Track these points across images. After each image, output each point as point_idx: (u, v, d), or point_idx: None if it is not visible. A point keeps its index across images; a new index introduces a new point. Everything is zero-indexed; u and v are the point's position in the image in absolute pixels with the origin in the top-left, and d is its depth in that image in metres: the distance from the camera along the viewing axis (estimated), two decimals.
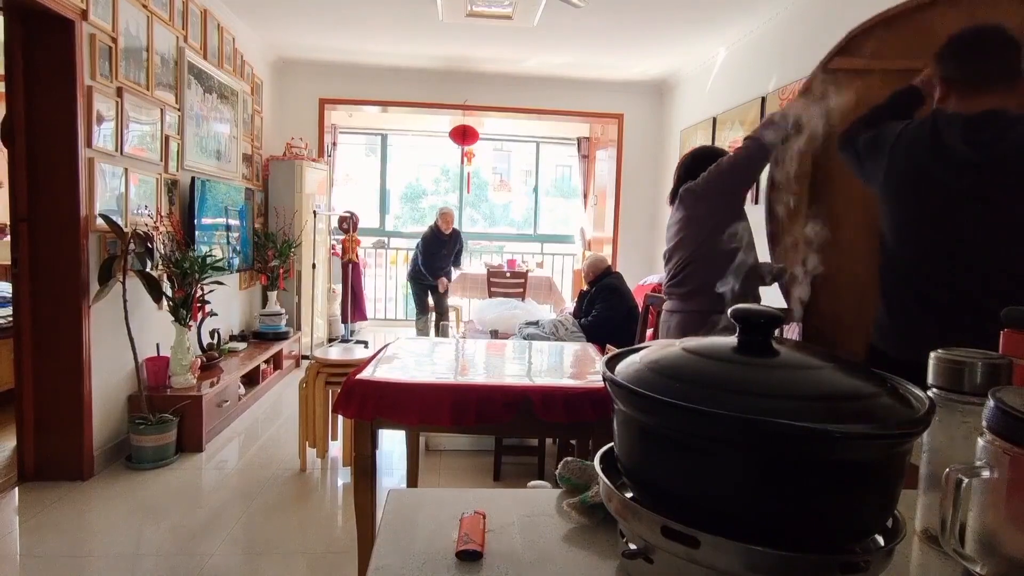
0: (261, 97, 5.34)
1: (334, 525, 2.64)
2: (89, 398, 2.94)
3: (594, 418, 1.76)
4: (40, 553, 2.32)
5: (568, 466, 0.95)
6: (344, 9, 4.37)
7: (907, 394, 0.65)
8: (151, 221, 3.36)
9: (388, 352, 2.25)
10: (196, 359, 3.72)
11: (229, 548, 2.39)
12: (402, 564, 0.74)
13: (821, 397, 0.60)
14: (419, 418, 1.78)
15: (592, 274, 4.05)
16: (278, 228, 5.25)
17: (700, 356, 0.67)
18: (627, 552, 0.67)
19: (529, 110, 6.29)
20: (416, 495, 0.97)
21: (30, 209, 2.81)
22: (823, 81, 1.96)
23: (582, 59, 5.45)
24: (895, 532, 0.65)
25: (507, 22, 4.32)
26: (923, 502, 0.79)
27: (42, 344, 2.87)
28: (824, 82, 1.95)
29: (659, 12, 4.20)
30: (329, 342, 6.14)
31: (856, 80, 1.91)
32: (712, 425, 0.58)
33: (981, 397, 0.70)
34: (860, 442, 0.57)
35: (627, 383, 0.65)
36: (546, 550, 0.79)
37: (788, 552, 0.57)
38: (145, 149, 3.36)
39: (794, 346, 0.70)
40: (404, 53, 5.45)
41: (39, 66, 2.78)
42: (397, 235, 8.49)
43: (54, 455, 2.90)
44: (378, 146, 8.45)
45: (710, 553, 0.58)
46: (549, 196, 9.90)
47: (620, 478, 0.72)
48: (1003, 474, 0.61)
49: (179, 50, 3.70)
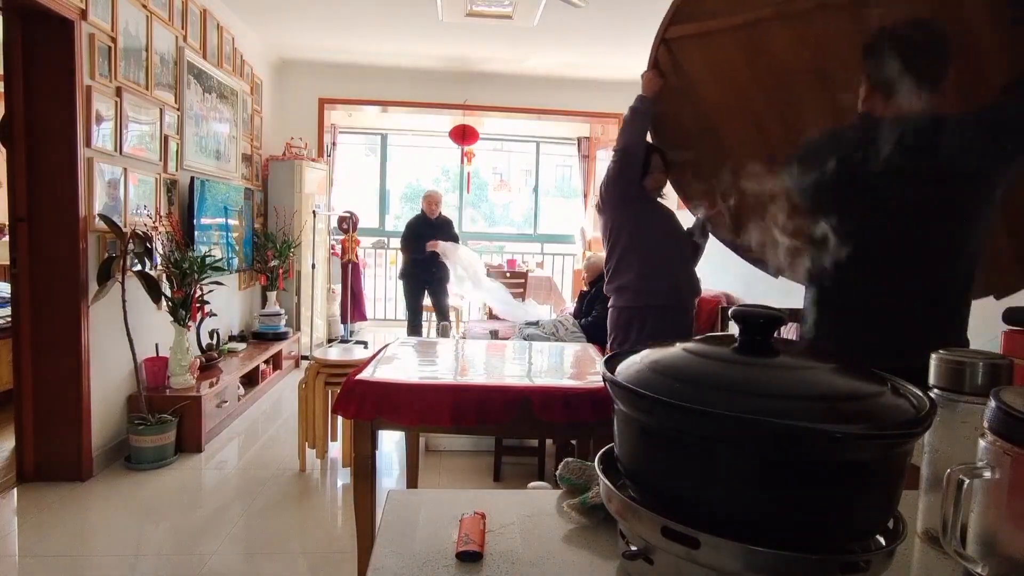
0: (261, 97, 5.34)
1: (334, 525, 2.63)
2: (88, 398, 2.94)
3: (594, 418, 1.76)
4: (40, 553, 2.32)
5: (568, 466, 0.95)
6: (344, 9, 4.37)
7: (908, 394, 0.65)
8: (150, 221, 3.35)
9: (388, 352, 2.24)
10: (195, 359, 3.72)
11: (229, 548, 2.39)
12: (402, 564, 0.74)
13: (821, 397, 0.60)
14: (419, 418, 1.78)
15: (592, 274, 4.05)
16: (278, 228, 5.25)
17: (700, 356, 0.67)
18: (627, 553, 0.67)
19: (529, 110, 6.29)
20: (416, 495, 0.97)
21: (29, 209, 2.81)
22: (666, 53, 1.92)
23: (582, 59, 5.44)
24: (896, 533, 0.65)
25: (507, 22, 4.32)
26: (924, 503, 0.79)
27: (41, 344, 2.87)
28: (668, 54, 1.90)
29: (659, 12, 4.17)
30: (329, 342, 6.14)
31: (702, 45, 1.80)
32: (712, 425, 0.58)
33: (982, 397, 0.70)
34: (860, 442, 0.56)
35: (627, 383, 0.65)
36: (546, 550, 0.79)
37: (788, 552, 0.57)
38: (144, 149, 3.36)
39: (794, 346, 0.70)
40: (404, 53, 5.45)
41: (39, 66, 2.78)
42: (397, 235, 8.45)
43: (53, 455, 2.89)
44: (378, 146, 8.44)
45: (710, 554, 0.58)
46: (549, 196, 9.89)
47: (620, 478, 0.72)
48: (1004, 475, 0.61)
49: (178, 50, 3.69)
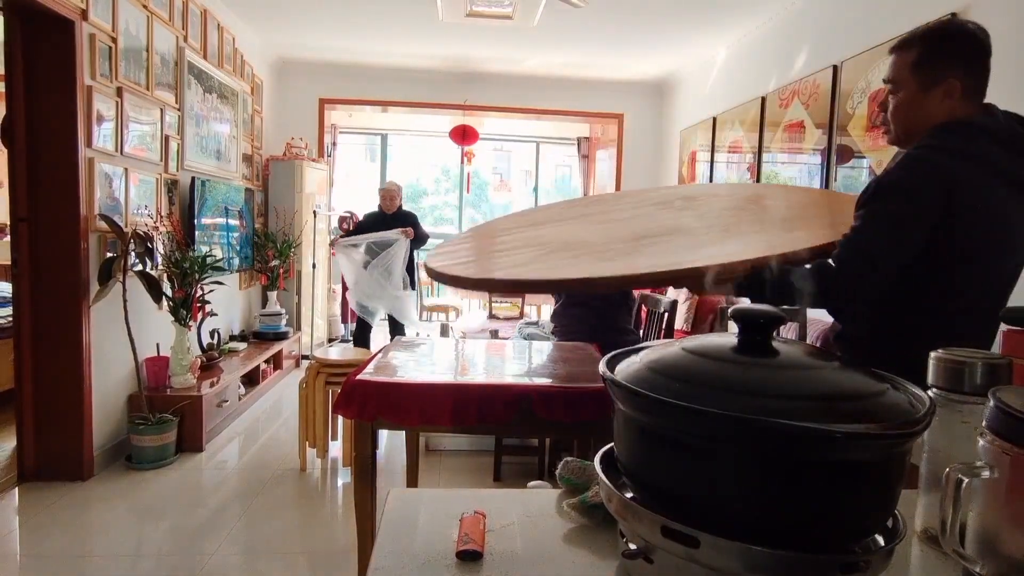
0: (261, 97, 5.34)
1: (334, 525, 2.63)
2: (89, 398, 2.94)
3: (594, 418, 1.76)
4: (40, 553, 2.32)
5: (568, 466, 0.95)
6: (344, 9, 4.37)
7: (907, 394, 0.65)
8: (151, 221, 3.36)
9: (388, 352, 2.24)
10: (196, 359, 3.72)
11: (229, 548, 2.39)
12: (402, 564, 0.74)
13: (821, 397, 0.60)
14: (420, 418, 1.78)
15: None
16: (278, 228, 5.25)
17: (700, 356, 0.67)
18: (627, 552, 0.67)
19: (529, 110, 6.29)
20: (416, 495, 0.97)
21: (30, 209, 2.81)
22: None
23: (582, 59, 5.45)
24: (895, 532, 0.65)
25: (507, 22, 4.32)
26: (923, 502, 0.79)
27: (42, 344, 2.87)
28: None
29: (659, 12, 4.19)
30: (329, 342, 6.14)
31: None
32: (712, 425, 0.58)
33: (981, 397, 0.70)
34: (860, 442, 0.57)
35: (627, 383, 0.65)
36: (546, 550, 0.79)
37: (788, 552, 0.57)
38: (145, 149, 3.36)
39: (794, 346, 0.70)
40: (404, 53, 5.45)
41: (39, 66, 2.78)
42: None
43: (54, 455, 2.89)
44: (378, 146, 8.44)
45: (710, 553, 0.58)
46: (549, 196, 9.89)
47: (620, 478, 0.72)
48: (1003, 474, 0.61)
49: (179, 50, 3.69)
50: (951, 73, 1.27)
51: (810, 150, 3.54)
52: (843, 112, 3.23)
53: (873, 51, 2.98)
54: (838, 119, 3.28)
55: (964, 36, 1.30)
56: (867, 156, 3.04)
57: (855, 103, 3.13)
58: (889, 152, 2.89)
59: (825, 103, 3.38)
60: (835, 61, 3.33)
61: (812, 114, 3.52)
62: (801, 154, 3.65)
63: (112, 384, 3.15)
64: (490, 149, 9.60)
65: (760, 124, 4.12)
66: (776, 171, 3.96)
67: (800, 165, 3.67)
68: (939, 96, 1.29)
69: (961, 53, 1.29)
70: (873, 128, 2.99)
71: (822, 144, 3.41)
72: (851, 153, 3.17)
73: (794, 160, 3.74)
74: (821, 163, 3.42)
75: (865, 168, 3.05)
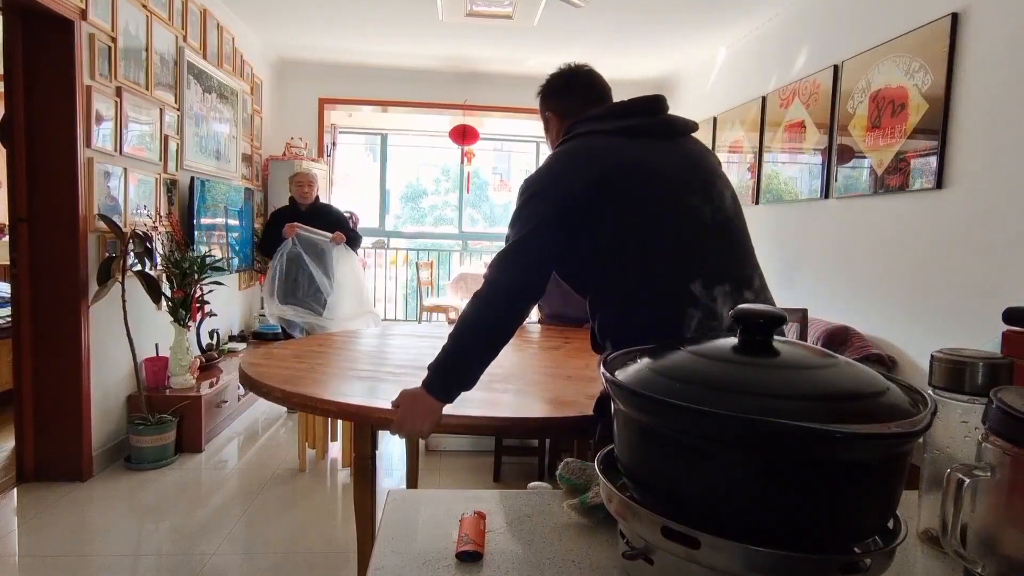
0: (261, 97, 5.34)
1: (334, 525, 2.63)
2: (88, 398, 2.94)
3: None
4: (40, 553, 2.32)
5: (568, 466, 0.95)
6: (344, 9, 4.36)
7: (908, 394, 0.65)
8: (150, 221, 3.35)
9: None
10: (195, 359, 3.72)
11: (229, 548, 2.39)
12: (402, 564, 0.74)
13: (822, 397, 0.60)
14: None
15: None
16: None
17: (701, 356, 0.67)
18: (627, 552, 0.67)
19: (529, 110, 6.27)
20: (416, 496, 0.97)
21: (29, 209, 2.81)
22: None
23: (582, 59, 5.41)
24: (896, 533, 0.65)
25: (507, 22, 4.32)
26: (924, 503, 0.79)
27: (41, 344, 2.87)
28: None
29: (659, 12, 4.19)
30: None
31: None
32: (712, 425, 0.58)
33: (982, 397, 0.70)
34: (860, 442, 0.56)
35: (627, 383, 0.65)
36: (546, 551, 0.79)
37: (788, 552, 0.57)
38: (144, 149, 3.36)
39: (794, 346, 0.69)
40: (404, 53, 5.44)
41: (39, 66, 2.78)
42: (397, 235, 8.48)
43: (53, 455, 2.89)
44: (378, 146, 8.44)
45: (710, 553, 0.58)
46: None
47: (620, 478, 0.72)
48: (1004, 474, 0.61)
49: (179, 50, 3.69)
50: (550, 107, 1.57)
51: (810, 150, 3.54)
52: (844, 112, 3.23)
53: (874, 51, 2.98)
54: (839, 119, 3.28)
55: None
56: (868, 156, 3.04)
57: (856, 103, 3.13)
58: (890, 152, 2.89)
59: (826, 103, 3.38)
60: (836, 61, 3.33)
61: (813, 114, 3.52)
62: (802, 154, 3.65)
63: (111, 384, 3.15)
64: (490, 149, 9.60)
65: (760, 124, 4.12)
66: (777, 171, 3.96)
67: (800, 165, 3.67)
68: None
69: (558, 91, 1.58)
70: (874, 128, 2.99)
71: (823, 144, 3.41)
72: (852, 153, 3.16)
73: (795, 160, 3.74)
74: (821, 163, 3.42)
75: (866, 168, 3.05)
